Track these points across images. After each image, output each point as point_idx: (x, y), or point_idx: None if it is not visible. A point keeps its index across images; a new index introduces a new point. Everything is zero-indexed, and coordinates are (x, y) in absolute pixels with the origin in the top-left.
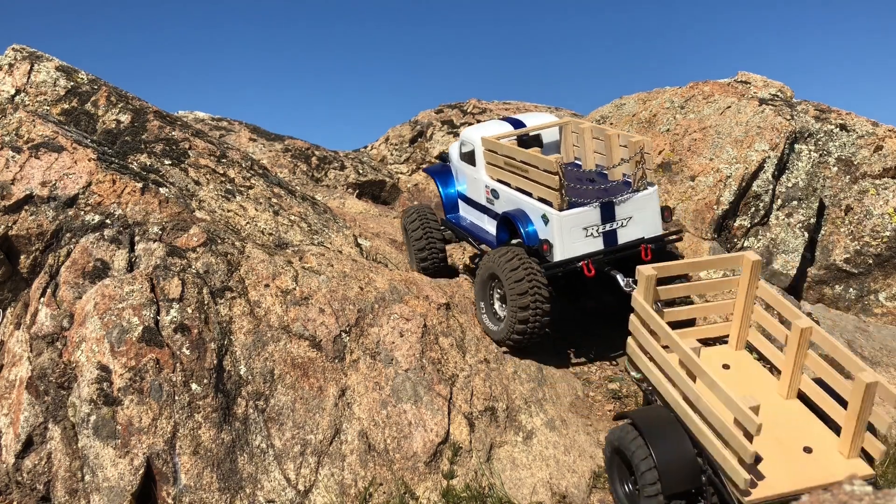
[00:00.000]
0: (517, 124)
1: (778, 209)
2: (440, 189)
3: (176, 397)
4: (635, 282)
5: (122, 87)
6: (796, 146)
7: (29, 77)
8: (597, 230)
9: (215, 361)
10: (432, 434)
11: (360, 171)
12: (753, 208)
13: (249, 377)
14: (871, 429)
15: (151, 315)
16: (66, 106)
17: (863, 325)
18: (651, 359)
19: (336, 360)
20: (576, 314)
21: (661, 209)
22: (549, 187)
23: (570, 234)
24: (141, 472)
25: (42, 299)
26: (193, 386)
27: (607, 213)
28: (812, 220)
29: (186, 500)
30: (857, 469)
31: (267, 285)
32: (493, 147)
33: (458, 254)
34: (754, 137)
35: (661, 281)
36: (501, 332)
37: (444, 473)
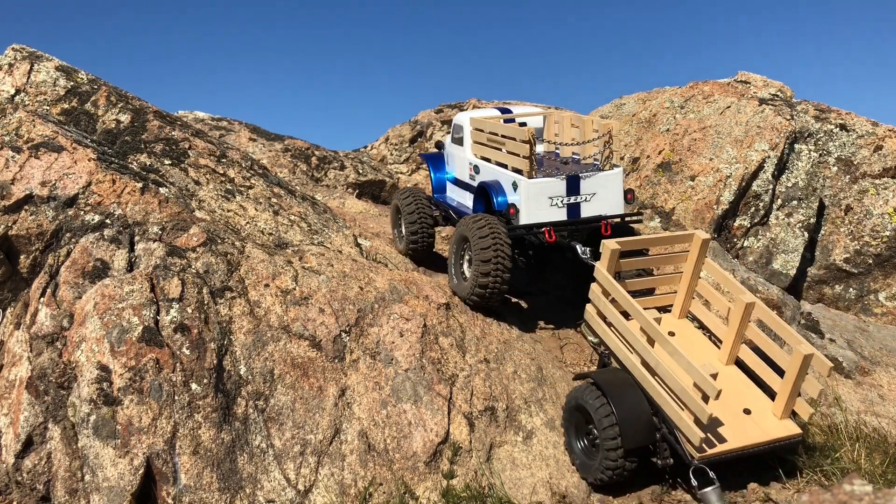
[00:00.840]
0: (506, 112)
1: (778, 209)
2: (431, 172)
3: (176, 397)
4: (593, 252)
5: (122, 87)
6: (796, 146)
7: (29, 77)
8: (561, 201)
9: (215, 361)
10: (432, 434)
11: (360, 171)
12: (753, 208)
13: (249, 377)
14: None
15: (151, 315)
16: (65, 106)
17: (863, 325)
18: (609, 325)
19: (336, 360)
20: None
21: (624, 191)
22: (520, 156)
23: (536, 201)
24: (141, 471)
25: (42, 299)
26: (193, 386)
27: (573, 187)
28: (812, 220)
29: (186, 499)
30: (789, 429)
31: (267, 285)
32: (480, 125)
33: None
34: (754, 137)
35: (622, 255)
36: (465, 289)
37: (444, 473)
